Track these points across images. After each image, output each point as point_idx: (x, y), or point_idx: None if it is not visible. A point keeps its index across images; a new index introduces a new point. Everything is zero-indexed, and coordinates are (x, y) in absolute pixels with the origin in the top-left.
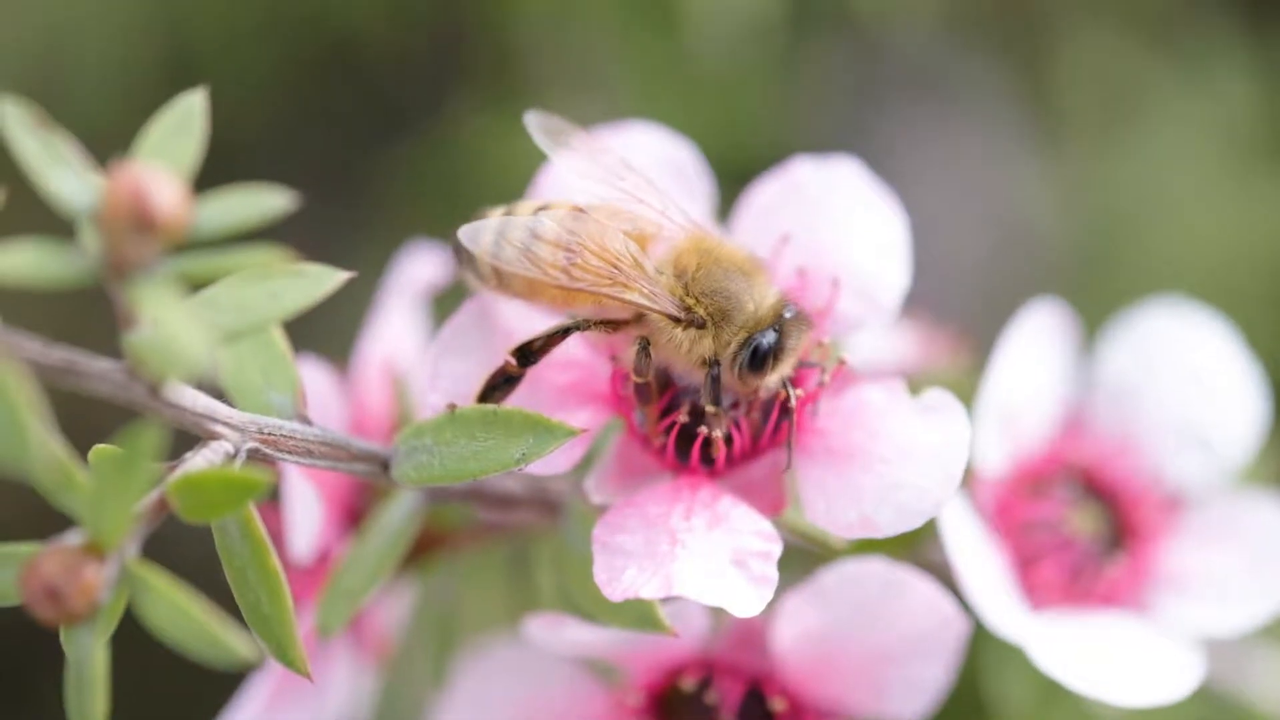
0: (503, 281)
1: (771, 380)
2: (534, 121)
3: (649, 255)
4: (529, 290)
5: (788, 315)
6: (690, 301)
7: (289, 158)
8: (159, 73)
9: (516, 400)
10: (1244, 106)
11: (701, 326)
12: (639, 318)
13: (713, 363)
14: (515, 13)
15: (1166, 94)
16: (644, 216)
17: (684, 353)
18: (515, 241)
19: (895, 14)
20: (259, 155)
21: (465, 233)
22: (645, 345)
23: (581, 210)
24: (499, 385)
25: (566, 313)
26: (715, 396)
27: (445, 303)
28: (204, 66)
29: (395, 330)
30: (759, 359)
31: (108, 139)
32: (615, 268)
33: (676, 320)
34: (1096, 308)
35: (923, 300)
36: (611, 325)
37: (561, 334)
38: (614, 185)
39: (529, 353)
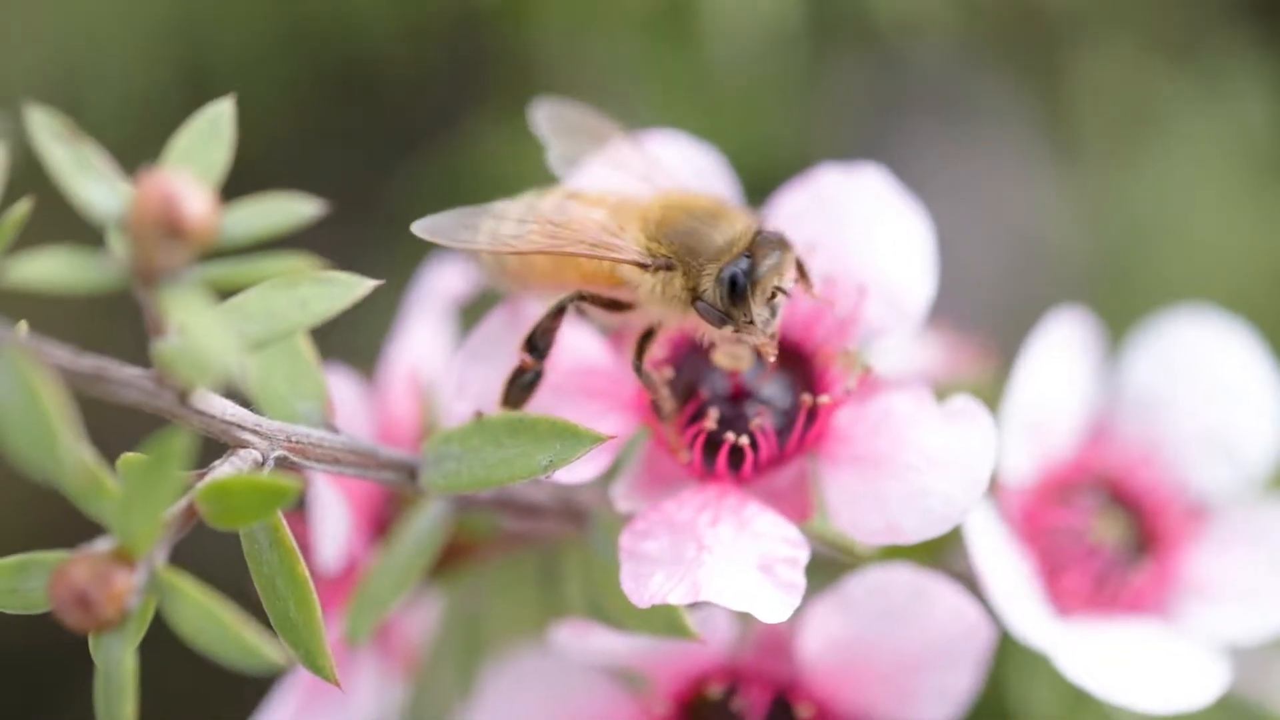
0: (504, 269)
1: (761, 309)
2: (544, 114)
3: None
4: (523, 274)
5: (759, 240)
6: (653, 246)
7: (308, 176)
8: (177, 92)
9: (543, 410)
10: (1260, 123)
11: (670, 268)
12: (626, 287)
13: (696, 299)
14: (535, 28)
15: (1183, 110)
16: (630, 191)
17: (660, 297)
18: (511, 223)
19: (915, 31)
20: (276, 174)
21: (421, 228)
22: (641, 359)
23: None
24: (519, 384)
25: (554, 290)
26: (712, 317)
27: (471, 313)
28: (222, 85)
29: (421, 340)
30: (737, 289)
31: (125, 157)
32: (565, 228)
33: (644, 267)
34: (1115, 323)
35: (941, 316)
36: (605, 302)
37: (557, 313)
38: (621, 169)
39: (536, 343)
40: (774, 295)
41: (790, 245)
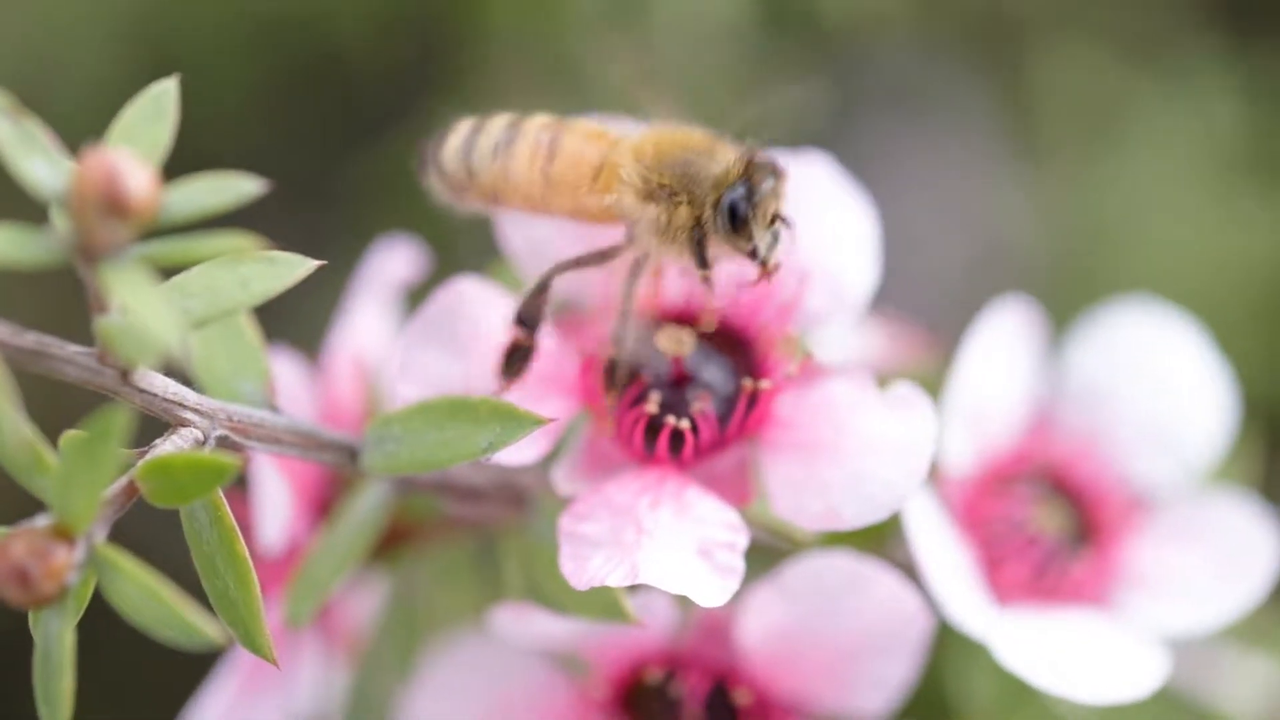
0: (473, 180)
1: (763, 234)
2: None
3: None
4: (497, 191)
5: (754, 166)
6: (653, 176)
7: (270, 165)
8: (144, 84)
9: (482, 393)
10: (1224, 122)
11: (674, 196)
12: (618, 220)
13: (694, 228)
14: (490, 19)
15: (1147, 109)
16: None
17: (664, 227)
18: (493, 136)
19: (873, 27)
20: (239, 164)
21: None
22: (630, 298)
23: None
24: (514, 358)
25: (537, 215)
26: (702, 259)
27: (417, 298)
28: (188, 76)
29: (367, 324)
30: (738, 215)
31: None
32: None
33: (648, 197)
34: (1076, 320)
35: (899, 312)
36: (597, 256)
37: (543, 288)
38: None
39: (526, 317)
40: (773, 221)
41: (784, 171)
